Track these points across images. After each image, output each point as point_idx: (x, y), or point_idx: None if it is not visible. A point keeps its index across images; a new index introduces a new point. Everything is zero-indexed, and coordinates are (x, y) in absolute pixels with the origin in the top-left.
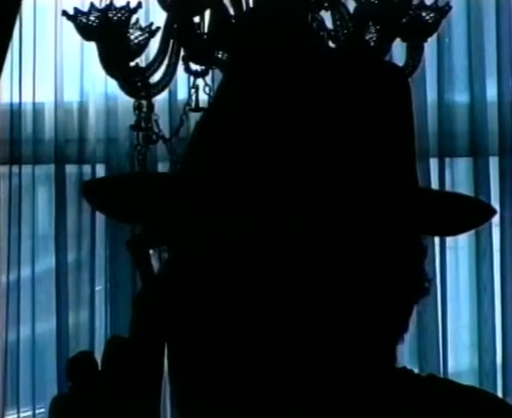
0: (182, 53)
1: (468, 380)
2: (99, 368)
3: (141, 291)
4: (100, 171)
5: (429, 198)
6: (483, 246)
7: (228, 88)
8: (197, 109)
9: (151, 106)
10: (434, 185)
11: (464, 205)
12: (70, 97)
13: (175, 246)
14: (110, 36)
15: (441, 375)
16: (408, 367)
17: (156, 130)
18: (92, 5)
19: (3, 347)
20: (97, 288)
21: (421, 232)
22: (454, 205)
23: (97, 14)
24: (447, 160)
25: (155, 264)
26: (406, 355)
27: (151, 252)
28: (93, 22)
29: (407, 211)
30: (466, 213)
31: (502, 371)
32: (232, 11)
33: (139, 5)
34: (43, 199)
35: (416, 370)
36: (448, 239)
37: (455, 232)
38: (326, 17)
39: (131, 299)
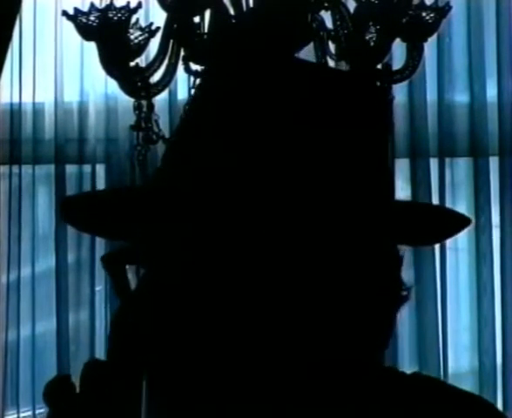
0: (182, 53)
1: (468, 381)
2: (77, 391)
3: (118, 311)
4: (100, 171)
5: (403, 208)
6: (483, 247)
7: (205, 95)
8: None
9: (151, 106)
10: (434, 185)
11: (438, 215)
12: (70, 97)
13: (149, 262)
14: (110, 36)
15: (442, 377)
16: (408, 368)
17: (156, 130)
18: (92, 5)
19: (3, 347)
20: (97, 288)
21: (397, 242)
22: (427, 214)
23: (97, 14)
24: (447, 160)
25: (132, 279)
26: (406, 356)
27: (127, 267)
28: (93, 22)
29: (382, 220)
30: (440, 223)
31: (502, 372)
32: (232, 11)
33: (139, 5)
34: (43, 199)
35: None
36: (448, 241)
37: (430, 241)
38: (326, 17)
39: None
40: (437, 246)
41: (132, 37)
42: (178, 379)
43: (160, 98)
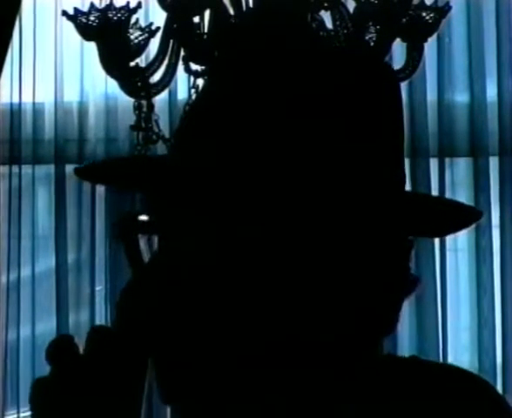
0: (182, 53)
1: None
2: (81, 353)
3: (129, 283)
4: None
5: (414, 199)
6: (483, 247)
7: (216, 86)
8: None
9: (151, 106)
10: (434, 185)
11: (450, 207)
12: (70, 97)
13: (164, 236)
14: (110, 36)
15: None
16: None
17: (156, 130)
18: (92, 5)
19: (3, 347)
20: (97, 288)
21: (408, 234)
22: (439, 206)
23: (97, 14)
24: (447, 160)
25: (144, 248)
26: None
27: (139, 236)
28: (93, 22)
29: (392, 209)
30: (452, 215)
31: (502, 372)
32: (232, 11)
33: (139, 5)
34: (43, 199)
35: None
36: (448, 242)
37: (441, 233)
38: (326, 17)
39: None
40: (437, 247)
41: (132, 37)
42: (183, 360)
43: (160, 98)
